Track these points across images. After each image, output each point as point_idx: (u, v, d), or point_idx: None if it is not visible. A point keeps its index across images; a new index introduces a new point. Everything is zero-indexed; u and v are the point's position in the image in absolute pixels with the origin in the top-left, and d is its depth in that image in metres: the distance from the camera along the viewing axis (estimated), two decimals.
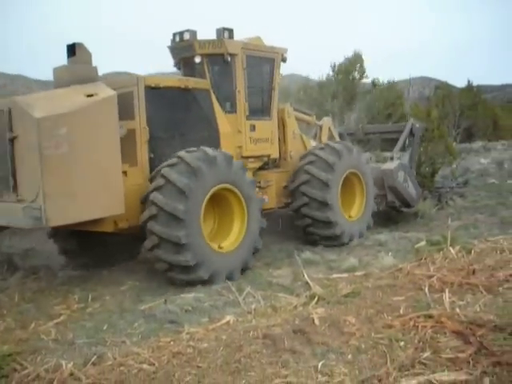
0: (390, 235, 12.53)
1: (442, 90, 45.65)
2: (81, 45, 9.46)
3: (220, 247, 9.60)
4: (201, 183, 9.03)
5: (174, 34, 11.20)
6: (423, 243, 11.00)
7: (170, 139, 10.05)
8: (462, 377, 4.90)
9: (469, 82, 46.68)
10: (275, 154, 12.18)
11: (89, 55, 9.56)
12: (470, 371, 5.01)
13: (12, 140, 8.18)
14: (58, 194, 7.93)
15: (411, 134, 16.01)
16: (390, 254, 10.52)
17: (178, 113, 10.32)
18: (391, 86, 37.99)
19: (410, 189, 14.94)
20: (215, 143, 10.62)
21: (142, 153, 9.61)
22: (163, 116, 10.00)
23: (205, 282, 8.95)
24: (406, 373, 5.14)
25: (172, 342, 6.23)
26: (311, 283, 8.55)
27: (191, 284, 8.89)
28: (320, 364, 5.42)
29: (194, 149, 9.40)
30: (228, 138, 10.98)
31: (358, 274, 9.21)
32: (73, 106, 8.28)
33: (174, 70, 12.09)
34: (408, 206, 15.11)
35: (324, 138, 14.45)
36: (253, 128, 11.46)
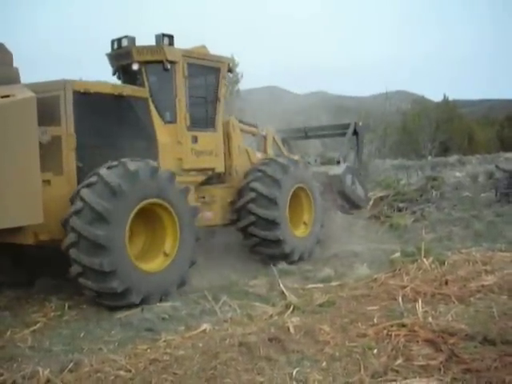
0: (365, 247, 12.67)
1: (418, 105, 46.31)
2: (1, 45, 8.81)
3: (166, 254, 8.95)
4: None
5: (113, 41, 10.52)
6: (398, 254, 11.15)
7: (102, 148, 9.24)
8: (433, 383, 5.02)
9: (445, 96, 47.48)
10: (220, 168, 11.43)
11: (10, 56, 8.89)
12: (441, 377, 5.14)
13: None
14: None
15: (355, 133, 15.53)
16: (364, 264, 10.65)
17: (111, 121, 9.64)
18: None
19: (359, 190, 14.92)
20: (153, 154, 9.94)
21: (69, 161, 8.83)
22: (94, 123, 9.26)
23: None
24: (379, 379, 5.24)
25: (149, 350, 6.27)
26: (287, 293, 8.64)
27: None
28: (295, 371, 5.48)
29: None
30: (167, 149, 10.25)
31: (333, 284, 9.34)
32: None
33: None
34: (357, 207, 15.17)
35: (269, 149, 13.42)
36: (195, 139, 10.68)
